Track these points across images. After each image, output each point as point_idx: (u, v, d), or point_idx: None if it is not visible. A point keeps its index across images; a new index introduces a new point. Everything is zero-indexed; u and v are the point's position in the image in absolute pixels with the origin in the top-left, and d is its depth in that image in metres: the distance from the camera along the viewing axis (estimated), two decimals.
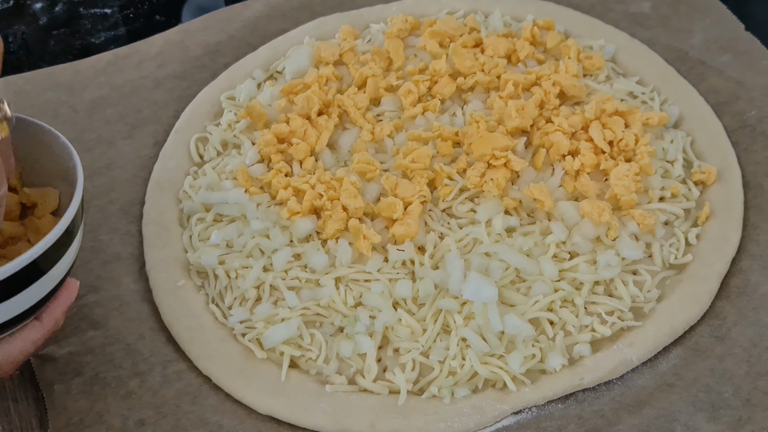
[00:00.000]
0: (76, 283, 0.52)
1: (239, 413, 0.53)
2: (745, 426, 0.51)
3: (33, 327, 0.50)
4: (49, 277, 0.47)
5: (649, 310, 0.56)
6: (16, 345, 0.49)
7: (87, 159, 0.68)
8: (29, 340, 0.49)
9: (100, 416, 0.53)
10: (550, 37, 0.71)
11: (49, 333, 0.50)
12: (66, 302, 0.51)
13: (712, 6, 0.76)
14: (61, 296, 0.50)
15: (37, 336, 0.50)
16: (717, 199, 0.61)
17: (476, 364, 0.53)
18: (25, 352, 0.49)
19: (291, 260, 0.59)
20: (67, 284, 0.51)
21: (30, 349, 0.49)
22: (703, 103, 0.68)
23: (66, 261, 0.48)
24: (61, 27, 0.82)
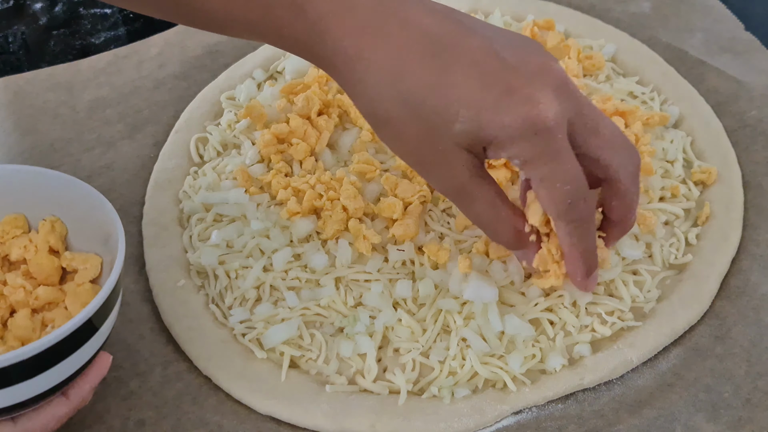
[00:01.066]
0: (109, 358, 0.49)
1: (239, 413, 0.54)
2: (745, 426, 0.51)
3: (59, 403, 0.47)
4: (85, 348, 0.46)
5: (649, 310, 0.56)
6: (38, 422, 0.46)
7: (87, 159, 0.68)
8: (53, 417, 0.47)
9: (100, 416, 0.53)
10: (550, 36, 0.71)
11: (74, 411, 0.48)
12: (96, 378, 0.48)
13: (712, 6, 0.76)
14: (91, 371, 0.48)
15: (62, 413, 0.47)
16: (717, 199, 0.61)
17: (476, 364, 0.53)
18: (47, 429, 0.47)
19: (291, 260, 0.59)
20: (99, 359, 0.48)
21: (52, 426, 0.47)
22: (703, 103, 0.68)
23: (103, 332, 0.47)
24: (61, 27, 0.82)
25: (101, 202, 0.51)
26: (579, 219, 0.48)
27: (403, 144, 0.48)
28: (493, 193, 0.49)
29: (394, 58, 0.46)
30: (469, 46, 0.46)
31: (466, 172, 0.47)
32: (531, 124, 0.44)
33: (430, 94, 0.45)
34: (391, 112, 0.47)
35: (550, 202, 0.47)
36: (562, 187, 0.46)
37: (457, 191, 0.49)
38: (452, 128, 0.45)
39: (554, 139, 0.45)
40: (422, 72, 0.45)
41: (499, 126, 0.45)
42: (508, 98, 0.45)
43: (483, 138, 0.45)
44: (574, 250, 0.50)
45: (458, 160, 0.47)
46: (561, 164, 0.46)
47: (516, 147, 0.45)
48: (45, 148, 0.69)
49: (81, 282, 0.52)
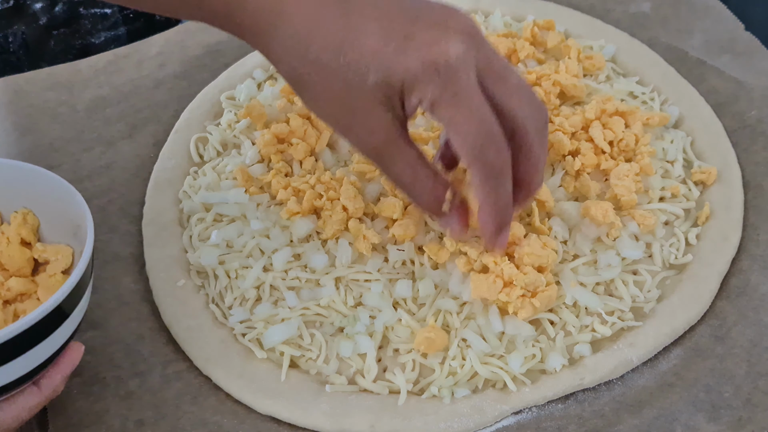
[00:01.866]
0: (81, 348, 0.49)
1: (239, 413, 0.53)
2: (746, 426, 0.51)
3: (30, 393, 0.47)
4: (54, 336, 0.46)
5: (649, 310, 0.56)
6: (9, 411, 0.46)
7: (87, 159, 0.68)
8: (25, 407, 0.47)
9: (99, 416, 0.53)
10: (551, 37, 0.71)
11: (46, 401, 0.48)
12: (67, 368, 0.48)
13: (712, 6, 0.76)
14: (62, 361, 0.48)
15: (34, 403, 0.47)
16: (717, 199, 0.61)
17: (476, 365, 0.53)
18: (19, 419, 0.47)
19: (291, 260, 0.59)
20: (70, 348, 0.48)
21: (24, 416, 0.47)
22: (703, 103, 0.68)
23: (73, 320, 0.47)
24: (61, 27, 0.82)
25: (71, 193, 0.51)
26: (491, 165, 0.47)
27: (323, 105, 0.49)
28: (414, 154, 0.49)
29: (303, 23, 0.47)
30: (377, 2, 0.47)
31: (384, 131, 0.48)
32: (432, 63, 0.45)
33: (340, 52, 0.46)
34: (305, 75, 0.48)
35: (462, 145, 0.47)
36: (472, 127, 0.46)
37: (377, 151, 0.49)
38: (366, 83, 0.46)
39: (459, 78, 0.45)
40: (330, 33, 0.46)
41: (403, 69, 0.45)
42: (409, 43, 0.45)
43: (393, 85, 0.46)
44: (487, 201, 0.49)
45: (377, 118, 0.47)
46: (468, 104, 0.46)
47: (423, 88, 0.46)
48: (45, 148, 0.69)
49: (53, 273, 0.53)
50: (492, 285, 0.53)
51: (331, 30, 0.46)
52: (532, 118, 0.48)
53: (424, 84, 0.45)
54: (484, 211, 0.50)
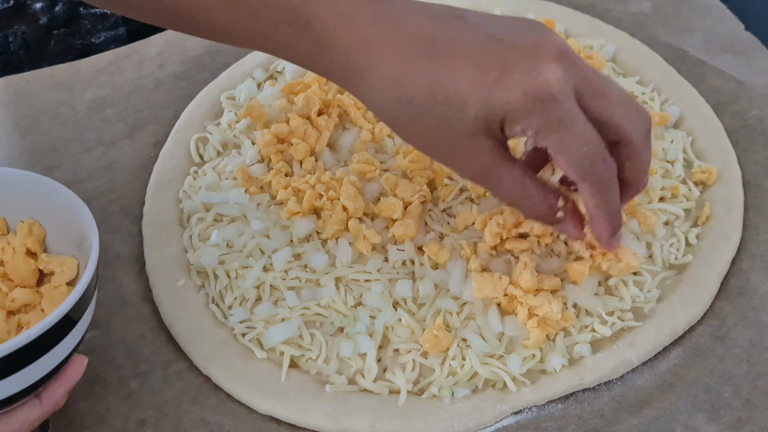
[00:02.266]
0: (84, 360, 0.48)
1: (239, 413, 0.54)
2: (745, 426, 0.51)
3: (31, 406, 0.46)
4: (53, 353, 0.45)
5: (649, 310, 0.56)
6: (9, 425, 0.46)
7: (87, 159, 0.68)
8: (25, 421, 0.46)
9: (100, 416, 0.53)
10: None
11: (47, 415, 0.47)
12: (69, 381, 0.48)
13: (712, 6, 0.76)
14: (65, 375, 0.47)
15: (34, 417, 0.47)
16: (717, 199, 0.61)
17: (476, 365, 0.53)
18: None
19: (291, 260, 0.59)
20: (73, 361, 0.48)
21: (25, 430, 0.46)
22: (704, 103, 0.68)
23: (73, 337, 0.47)
24: (61, 27, 0.82)
25: (77, 204, 0.51)
26: (601, 179, 0.48)
27: (423, 142, 0.50)
28: (518, 171, 0.49)
29: (394, 65, 0.47)
30: (463, 39, 0.47)
31: (488, 157, 0.48)
32: (535, 94, 0.45)
33: (433, 92, 0.47)
34: (402, 116, 0.48)
35: (570, 166, 0.47)
36: (578, 150, 0.47)
37: (483, 175, 0.49)
38: (465, 116, 0.46)
39: (561, 105, 0.46)
40: (421, 73, 0.47)
41: (505, 102, 0.46)
42: (509, 75, 0.46)
43: (494, 118, 0.46)
44: (600, 211, 0.50)
45: (478, 146, 0.48)
46: (573, 128, 0.46)
47: (526, 119, 0.46)
48: (45, 148, 0.69)
49: (58, 284, 0.52)
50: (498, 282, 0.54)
51: (421, 70, 0.47)
52: (637, 126, 0.49)
53: (527, 115, 0.46)
54: (597, 222, 0.50)
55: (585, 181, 0.48)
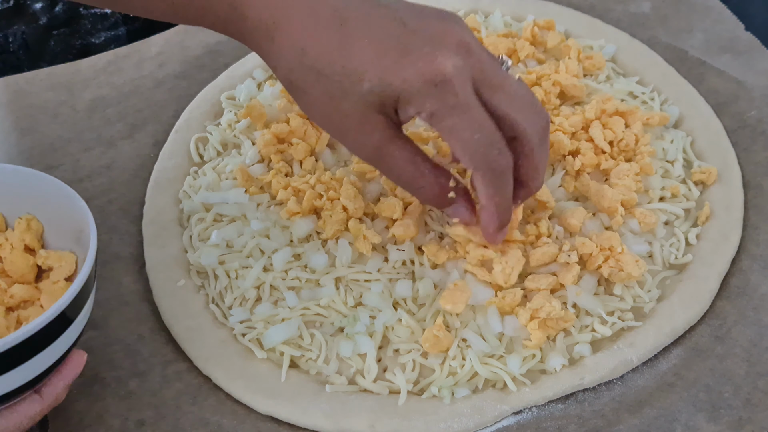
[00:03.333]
0: (83, 355, 0.48)
1: (239, 413, 0.53)
2: (745, 426, 0.51)
3: (32, 401, 0.47)
4: (56, 345, 0.45)
5: (650, 310, 0.56)
6: (11, 420, 0.46)
7: (87, 159, 0.68)
8: (26, 416, 0.46)
9: (99, 416, 0.53)
10: (551, 37, 0.71)
11: (47, 409, 0.47)
12: (70, 376, 0.48)
13: (712, 6, 0.76)
14: (65, 369, 0.47)
15: (35, 411, 0.47)
16: (717, 199, 0.61)
17: (476, 365, 0.53)
18: (20, 428, 0.46)
19: (291, 260, 0.59)
20: (72, 356, 0.48)
21: (25, 425, 0.47)
22: (703, 103, 0.68)
23: (75, 328, 0.47)
24: (61, 27, 0.82)
25: (74, 199, 0.51)
26: (494, 169, 0.48)
27: (318, 111, 0.50)
28: (411, 150, 0.50)
29: (302, 30, 0.49)
30: (372, 15, 0.49)
31: (380, 133, 0.49)
32: (430, 77, 0.46)
33: (333, 60, 0.48)
34: (302, 81, 0.49)
35: (464, 153, 0.48)
36: (472, 136, 0.47)
37: (375, 153, 0.50)
38: (360, 89, 0.47)
39: (455, 90, 0.46)
40: (326, 41, 0.48)
41: (401, 81, 0.47)
42: (406, 57, 0.47)
43: (389, 96, 0.47)
44: (491, 202, 0.50)
45: (371, 122, 0.49)
46: (467, 114, 0.47)
47: (420, 101, 0.47)
48: (45, 148, 0.69)
49: (56, 280, 0.52)
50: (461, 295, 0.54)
51: (327, 39, 0.48)
52: (533, 123, 0.49)
53: (421, 97, 0.47)
54: (487, 212, 0.51)
55: (478, 169, 0.48)
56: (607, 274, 0.55)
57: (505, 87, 0.48)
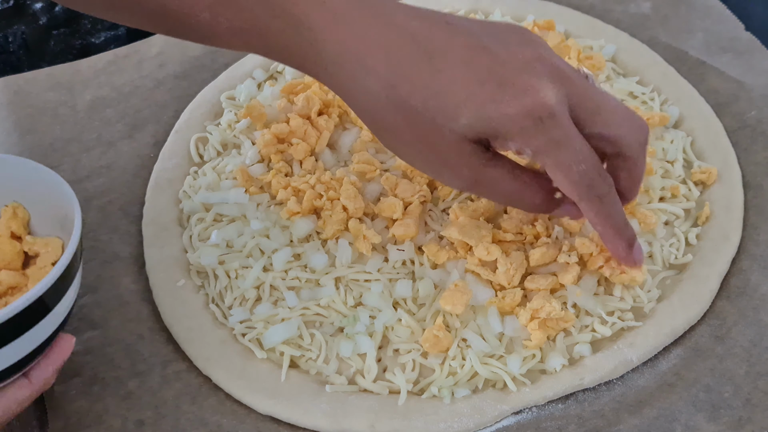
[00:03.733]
0: (71, 339, 0.48)
1: (239, 413, 0.53)
2: (746, 426, 0.51)
3: (21, 386, 0.46)
4: (39, 327, 0.45)
5: (650, 310, 0.56)
6: (1, 404, 0.46)
7: (87, 159, 0.68)
8: (15, 400, 0.46)
9: (99, 416, 0.53)
10: (551, 37, 0.71)
11: (37, 393, 0.47)
12: (58, 360, 0.47)
13: (712, 6, 0.76)
14: (53, 353, 0.47)
15: (24, 396, 0.46)
16: (717, 199, 0.61)
17: (476, 365, 0.53)
18: (10, 412, 0.46)
19: (291, 260, 0.59)
20: (60, 340, 0.47)
21: (15, 409, 0.46)
22: (704, 103, 0.68)
23: (60, 310, 0.46)
24: (61, 27, 0.82)
25: (59, 184, 0.51)
26: (601, 194, 0.48)
27: (409, 149, 0.49)
28: (509, 167, 0.49)
29: (388, 65, 0.46)
30: (458, 45, 0.47)
31: (476, 163, 0.48)
32: (535, 113, 0.45)
33: (426, 98, 0.46)
34: (390, 120, 0.47)
35: (570, 185, 0.47)
36: (577, 168, 0.46)
37: (475, 182, 0.49)
38: (456, 125, 0.46)
39: (560, 123, 0.45)
40: (416, 77, 0.46)
41: (503, 118, 0.45)
42: (505, 90, 0.45)
43: (488, 132, 0.46)
44: (608, 227, 0.50)
45: (465, 154, 0.47)
46: (571, 146, 0.46)
47: (524, 137, 0.46)
48: (45, 148, 0.69)
49: (43, 265, 0.52)
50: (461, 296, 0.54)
51: (417, 74, 0.46)
52: (636, 138, 0.49)
53: (526, 133, 0.45)
54: (609, 238, 0.51)
55: (586, 199, 0.48)
56: (608, 274, 0.55)
57: (602, 107, 0.47)
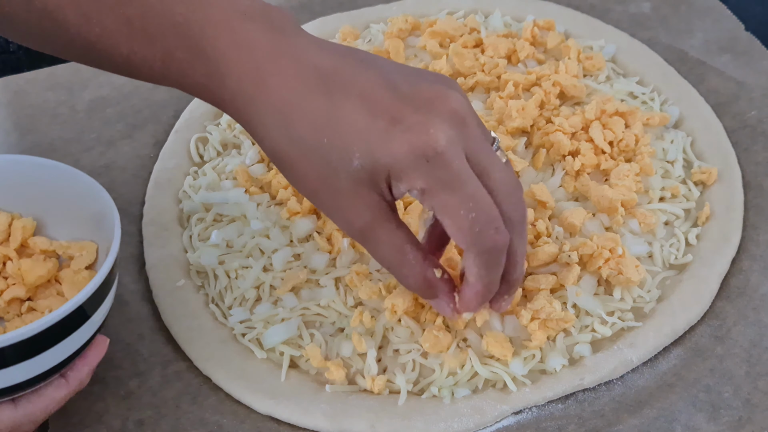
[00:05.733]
0: (106, 341, 0.49)
1: (239, 413, 0.53)
2: (745, 426, 0.51)
3: (58, 386, 0.47)
4: (79, 332, 0.46)
5: (650, 310, 0.56)
6: (39, 404, 0.47)
7: (87, 159, 0.68)
8: (53, 399, 0.47)
9: (99, 416, 0.53)
10: (551, 37, 0.71)
11: (73, 392, 0.48)
12: (94, 361, 0.49)
13: (712, 6, 0.76)
14: (89, 354, 0.48)
15: (61, 395, 0.47)
16: (717, 200, 0.61)
17: (476, 365, 0.53)
18: (47, 411, 0.47)
19: (291, 260, 0.59)
20: (96, 341, 0.49)
21: (52, 408, 0.47)
22: (704, 103, 0.68)
23: (98, 317, 0.47)
24: None
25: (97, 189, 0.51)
26: (490, 249, 0.45)
27: (306, 185, 0.47)
28: (400, 236, 0.47)
29: (286, 99, 0.45)
30: (362, 80, 0.44)
31: (368, 213, 0.45)
32: (421, 151, 0.43)
33: (322, 133, 0.44)
34: (288, 154, 0.45)
35: (458, 232, 0.44)
36: (466, 215, 0.43)
37: (362, 233, 0.46)
38: (350, 166, 0.44)
39: (449, 165, 0.43)
40: (313, 111, 0.44)
41: (390, 155, 0.43)
42: (396, 127, 0.43)
43: (379, 172, 0.44)
44: (480, 282, 0.47)
45: (360, 200, 0.45)
46: (462, 191, 0.43)
47: (411, 177, 0.43)
48: (45, 148, 0.69)
49: (77, 269, 0.53)
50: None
51: (314, 108, 0.44)
52: (515, 215, 0.46)
53: (413, 172, 0.43)
54: (473, 290, 0.48)
55: (471, 250, 0.45)
56: (606, 275, 0.55)
57: (492, 172, 0.45)
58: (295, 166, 0.46)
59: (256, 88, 0.45)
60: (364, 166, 0.44)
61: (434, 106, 0.44)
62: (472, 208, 0.44)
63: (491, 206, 0.44)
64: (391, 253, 0.47)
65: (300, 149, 0.45)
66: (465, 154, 0.44)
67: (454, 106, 0.44)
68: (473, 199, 0.44)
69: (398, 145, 0.43)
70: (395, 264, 0.47)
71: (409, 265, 0.47)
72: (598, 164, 0.61)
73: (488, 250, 0.45)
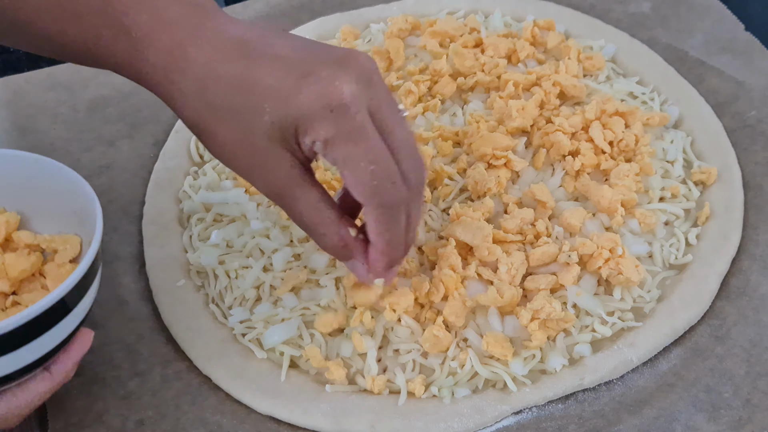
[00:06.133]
0: (91, 333, 0.49)
1: (239, 413, 0.53)
2: (745, 426, 0.51)
3: (42, 379, 0.47)
4: (62, 325, 0.46)
5: (650, 310, 0.56)
6: (23, 397, 0.47)
7: (87, 159, 0.68)
8: (37, 393, 0.47)
9: (99, 416, 0.53)
10: (551, 37, 0.71)
11: (57, 386, 0.48)
12: (78, 354, 0.48)
13: (712, 6, 0.76)
14: (73, 347, 0.48)
15: (45, 389, 0.47)
16: (717, 200, 0.61)
17: (476, 365, 0.53)
18: (32, 405, 0.47)
19: (291, 260, 0.59)
20: (80, 334, 0.48)
21: (36, 402, 0.47)
22: (703, 103, 0.68)
23: (80, 309, 0.47)
24: None
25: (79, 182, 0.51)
26: (387, 203, 0.46)
27: (223, 150, 0.47)
28: (316, 194, 0.47)
29: (204, 68, 0.46)
30: (279, 45, 0.46)
31: (283, 171, 0.46)
32: (326, 101, 0.44)
33: (236, 95, 0.45)
34: (206, 120, 0.46)
35: (356, 184, 0.45)
36: (366, 167, 0.44)
37: (278, 192, 0.47)
38: (262, 122, 0.45)
39: (352, 116, 0.44)
40: (229, 75, 0.45)
41: (296, 107, 0.44)
42: (305, 80, 0.44)
43: (288, 125, 0.45)
44: (381, 239, 0.48)
45: (275, 158, 0.46)
46: (363, 143, 0.44)
47: (316, 128, 0.44)
48: (44, 148, 0.69)
49: (61, 262, 0.53)
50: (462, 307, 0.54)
51: (229, 72, 0.45)
52: (413, 176, 0.47)
53: (317, 123, 0.44)
54: (376, 249, 0.48)
55: (370, 203, 0.46)
56: (606, 275, 0.55)
57: (395, 129, 0.46)
58: (214, 132, 0.47)
59: (177, 61, 0.46)
60: (275, 122, 0.45)
61: (343, 65, 0.45)
62: (372, 160, 0.44)
63: (390, 161, 0.45)
64: (306, 210, 0.48)
65: (216, 113, 0.46)
66: (369, 111, 0.45)
67: (364, 64, 0.45)
68: (373, 152, 0.45)
69: (305, 96, 0.44)
70: (311, 222, 0.48)
71: (325, 224, 0.48)
72: (598, 164, 0.61)
73: (386, 203, 0.46)
